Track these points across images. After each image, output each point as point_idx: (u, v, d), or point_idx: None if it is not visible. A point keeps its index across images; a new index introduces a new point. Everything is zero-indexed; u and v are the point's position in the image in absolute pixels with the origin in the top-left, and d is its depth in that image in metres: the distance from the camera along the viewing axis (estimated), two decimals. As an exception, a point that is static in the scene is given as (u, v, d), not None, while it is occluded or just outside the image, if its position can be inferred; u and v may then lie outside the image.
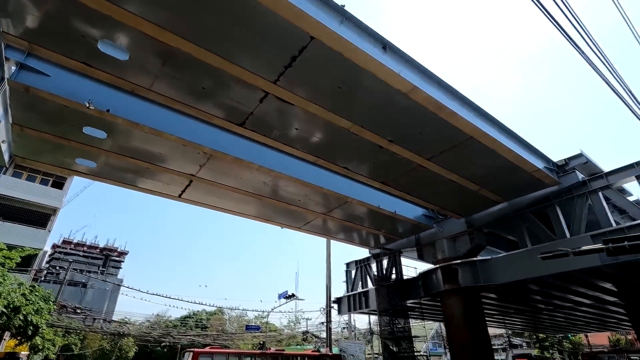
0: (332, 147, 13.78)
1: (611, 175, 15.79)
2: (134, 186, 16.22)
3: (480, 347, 17.81)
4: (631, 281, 18.37)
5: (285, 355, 23.75)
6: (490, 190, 16.83)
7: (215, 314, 66.28)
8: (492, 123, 13.39)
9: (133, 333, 49.42)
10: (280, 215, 19.61)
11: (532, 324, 40.09)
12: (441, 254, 20.54)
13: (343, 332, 52.87)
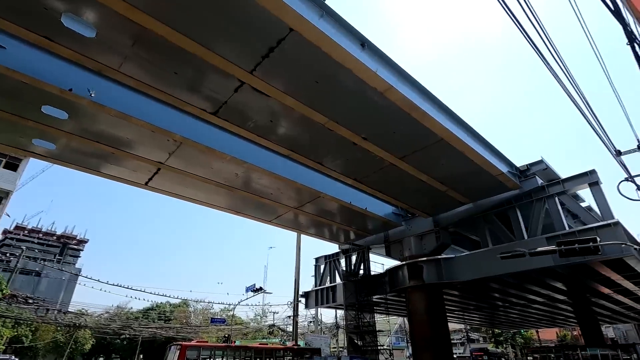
0: (307, 141, 13.74)
1: (567, 182, 16.81)
2: (97, 172, 15.42)
3: (440, 341, 18.55)
4: (579, 281, 19.75)
5: (269, 349, 24.09)
6: (457, 192, 17.46)
7: (179, 306, 64.72)
8: (463, 127, 13.86)
9: (90, 325, 47.34)
10: (251, 207, 19.38)
11: (489, 320, 42.26)
12: (408, 251, 21.13)
13: (310, 326, 53.32)
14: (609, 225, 14.23)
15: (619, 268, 16.51)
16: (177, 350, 19.83)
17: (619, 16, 4.72)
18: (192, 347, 20.54)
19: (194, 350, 20.34)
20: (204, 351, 20.84)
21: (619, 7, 4.26)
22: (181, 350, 19.67)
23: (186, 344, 20.85)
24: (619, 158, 11.13)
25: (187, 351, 19.72)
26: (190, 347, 20.36)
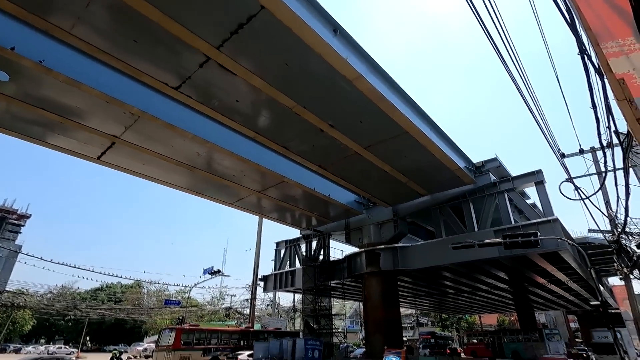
0: (273, 124, 13.52)
1: (516, 179, 18.00)
2: (43, 142, 14.17)
3: (392, 324, 19.48)
4: (519, 271, 21.44)
5: (254, 331, 26.05)
6: (417, 184, 18.10)
7: (132, 287, 62.39)
8: (427, 122, 14.30)
9: (31, 305, 44.41)
10: (212, 189, 18.88)
11: (437, 305, 44.94)
12: (367, 238, 21.75)
13: (267, 309, 53.70)
14: (549, 221, 15.48)
15: (554, 260, 18.11)
16: (171, 333, 21.31)
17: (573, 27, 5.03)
18: (187, 331, 22.11)
19: (188, 333, 21.90)
20: (197, 334, 22.42)
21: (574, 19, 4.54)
22: (176, 333, 21.05)
23: (181, 328, 22.34)
24: (563, 160, 12.05)
25: (182, 334, 21.22)
26: (184, 331, 21.90)
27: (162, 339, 22.01)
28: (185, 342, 21.56)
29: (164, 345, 21.38)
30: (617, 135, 7.29)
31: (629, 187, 7.33)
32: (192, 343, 21.81)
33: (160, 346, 21.80)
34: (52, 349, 42.31)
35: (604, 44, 2.37)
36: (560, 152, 11.63)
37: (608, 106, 5.89)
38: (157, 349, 22.22)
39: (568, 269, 19.74)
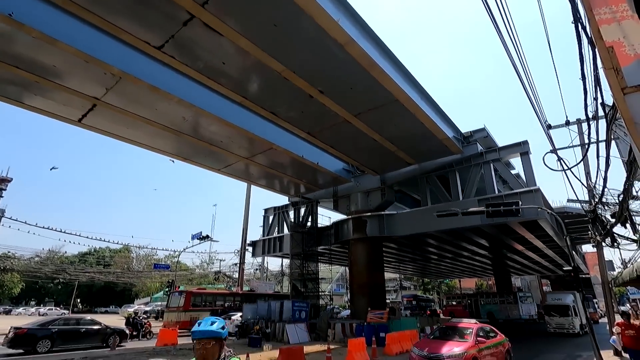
0: (262, 89, 13.17)
1: (503, 150, 18.26)
2: (18, 102, 13.52)
3: (376, 288, 20.33)
4: (499, 239, 22.32)
5: (255, 294, 28.55)
6: (405, 152, 18.21)
7: (120, 251, 62.84)
8: (418, 90, 14.14)
9: (18, 268, 44.49)
10: (200, 155, 18.61)
11: (420, 270, 46.84)
12: (354, 206, 22.11)
13: (256, 273, 55.12)
14: (531, 191, 15.93)
15: (533, 228, 18.87)
16: (181, 296, 23.83)
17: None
18: (196, 294, 24.77)
19: (197, 296, 24.47)
20: (204, 297, 24.96)
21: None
22: (186, 296, 23.53)
23: (190, 291, 24.87)
24: (548, 131, 12.21)
25: (191, 297, 23.69)
26: (194, 294, 24.52)
27: (172, 301, 24.29)
28: (194, 304, 23.72)
29: (174, 307, 23.52)
30: (602, 107, 7.38)
31: (609, 159, 7.53)
32: (200, 304, 24.14)
33: (171, 307, 24.00)
34: (43, 310, 43.04)
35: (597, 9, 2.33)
36: (547, 123, 11.75)
37: (597, 77, 5.91)
38: (168, 310, 24.35)
39: (545, 236, 20.63)
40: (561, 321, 20.57)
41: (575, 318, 20.35)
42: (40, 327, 14.15)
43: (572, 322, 20.31)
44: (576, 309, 20.39)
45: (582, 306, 13.84)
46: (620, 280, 16.86)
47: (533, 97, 8.29)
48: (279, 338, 17.81)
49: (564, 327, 20.45)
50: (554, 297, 22.88)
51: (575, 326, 20.24)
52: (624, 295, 56.25)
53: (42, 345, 13.66)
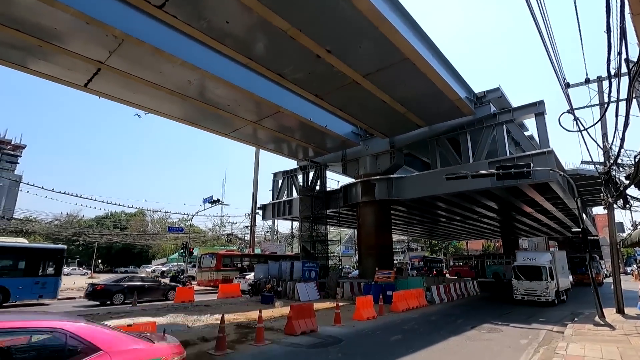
0: (267, 50, 12.74)
1: (517, 110, 17.68)
2: (24, 67, 13.40)
3: (384, 249, 20.78)
4: (509, 201, 22.25)
5: (276, 255, 30.74)
6: (415, 114, 17.78)
7: (135, 215, 64.81)
8: (429, 47, 13.50)
9: (39, 232, 46.45)
10: (207, 119, 18.49)
11: (428, 232, 47.46)
12: (363, 169, 22.07)
13: (266, 235, 56.63)
14: (544, 153, 15.61)
15: (543, 191, 18.70)
16: (212, 257, 26.81)
17: None
18: (225, 255, 27.74)
19: (227, 257, 27.49)
20: (232, 258, 28.15)
21: None
22: (217, 257, 26.61)
23: (221, 253, 27.93)
24: (567, 90, 11.71)
25: (222, 258, 26.71)
26: (224, 255, 27.47)
27: (204, 262, 27.46)
28: (224, 264, 26.63)
29: (207, 267, 26.66)
30: (627, 63, 6.98)
31: (629, 118, 7.23)
32: (229, 265, 27.09)
33: (203, 268, 27.20)
34: (67, 270, 45.41)
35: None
36: (566, 82, 11.23)
37: (623, 29, 5.52)
38: (200, 270, 27.66)
39: (556, 199, 20.47)
40: (532, 286, 16.45)
41: (550, 282, 16.23)
42: (114, 283, 16.83)
43: (545, 287, 16.17)
44: (553, 271, 16.44)
45: (589, 266, 13.57)
46: (629, 242, 16.88)
47: (553, 52, 7.86)
48: (289, 296, 18.60)
49: (534, 294, 16.31)
50: (525, 255, 18.33)
51: (549, 293, 16.02)
52: (631, 257, 56.68)
53: (116, 298, 16.34)
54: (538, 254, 18.64)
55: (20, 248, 16.23)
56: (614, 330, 9.91)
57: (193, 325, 10.75)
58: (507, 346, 8.71)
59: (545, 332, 10.48)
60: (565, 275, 19.06)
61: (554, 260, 17.15)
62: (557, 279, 16.66)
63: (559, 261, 18.10)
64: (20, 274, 15.51)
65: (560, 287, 16.94)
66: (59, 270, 16.57)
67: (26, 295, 15.54)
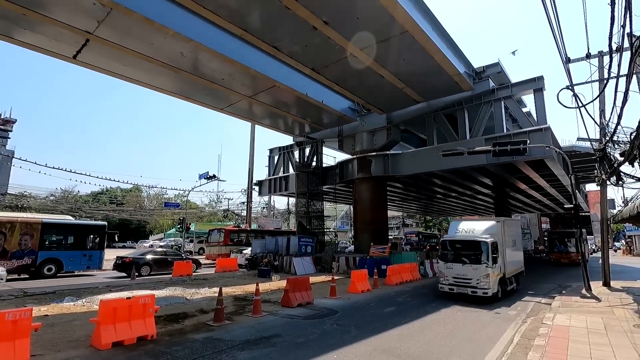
0: (262, 20, 12.30)
1: (515, 86, 17.47)
2: (8, 37, 12.88)
3: (379, 225, 21.05)
4: (504, 178, 22.39)
5: (281, 231, 33.17)
6: (413, 90, 17.52)
7: (131, 191, 64.72)
8: (430, 20, 13.13)
9: (34, 207, 46.37)
10: (201, 93, 18.11)
11: (423, 209, 48.01)
12: (359, 145, 21.98)
13: (263, 211, 57.04)
14: (540, 129, 15.56)
15: (538, 167, 18.79)
16: (220, 233, 28.66)
17: None
18: (233, 231, 29.78)
19: (234, 233, 29.54)
20: (238, 234, 29.82)
21: None
22: (225, 233, 28.46)
23: (228, 229, 29.85)
24: (567, 65, 11.54)
25: (230, 234, 28.67)
26: (231, 231, 29.54)
27: (212, 238, 29.33)
28: (231, 240, 28.40)
29: (215, 242, 28.48)
30: (629, 37, 6.85)
31: (628, 94, 7.17)
32: (236, 240, 28.85)
33: (211, 242, 29.09)
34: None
35: None
36: (567, 57, 11.04)
37: (629, 1, 5.38)
38: (209, 245, 29.54)
39: (550, 175, 20.61)
40: (465, 272, 11.00)
41: (492, 267, 10.75)
42: (140, 256, 18.18)
43: (484, 275, 10.70)
44: (498, 250, 11.22)
45: (578, 242, 13.81)
46: (619, 217, 17.21)
47: (556, 25, 7.68)
48: (286, 270, 18.97)
49: (467, 284, 10.91)
50: (462, 226, 12.44)
51: (489, 283, 10.65)
52: (620, 232, 58.03)
53: (143, 270, 17.60)
54: (479, 223, 12.47)
55: (69, 224, 18.26)
56: (599, 302, 10.28)
57: (191, 298, 10.98)
58: (496, 317, 9.03)
59: (533, 304, 10.86)
60: (517, 253, 13.77)
61: (502, 233, 11.95)
62: (505, 261, 11.69)
63: (510, 234, 12.96)
64: (70, 247, 17.41)
65: (507, 271, 11.88)
66: (102, 244, 18.59)
67: (76, 267, 17.57)
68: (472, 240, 11.37)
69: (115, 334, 6.03)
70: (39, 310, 8.45)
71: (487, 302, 10.61)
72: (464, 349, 6.33)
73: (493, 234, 11.58)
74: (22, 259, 15.71)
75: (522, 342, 6.60)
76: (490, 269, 10.75)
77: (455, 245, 11.71)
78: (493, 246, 11.01)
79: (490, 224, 12.14)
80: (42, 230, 16.53)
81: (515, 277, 13.23)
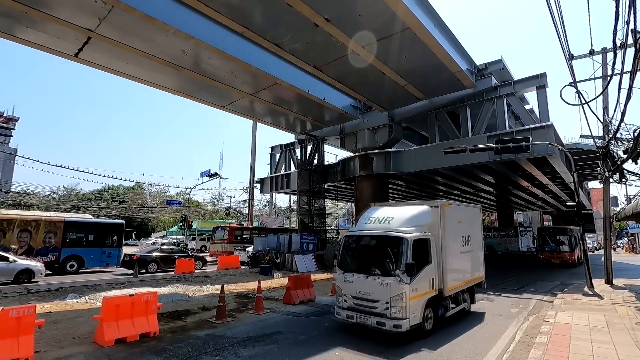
0: (263, 18, 12.26)
1: (518, 83, 17.37)
2: (11, 35, 12.90)
3: (380, 222, 20.96)
4: (506, 175, 22.33)
5: (284, 229, 33.27)
6: (415, 87, 17.45)
7: (133, 189, 64.91)
8: (432, 17, 13.06)
9: (37, 205, 46.57)
10: (202, 91, 18.09)
11: (425, 206, 47.91)
12: (361, 143, 21.95)
13: (264, 209, 57.13)
14: (543, 127, 15.48)
15: (541, 165, 18.73)
16: (224, 230, 29.05)
17: None
18: (236, 229, 30.22)
19: (237, 230, 29.92)
20: (242, 231, 30.20)
21: None
22: (229, 230, 28.87)
23: (232, 226, 30.48)
24: (570, 62, 11.47)
25: (233, 231, 29.14)
26: (235, 229, 29.98)
27: (217, 235, 29.88)
28: (235, 237, 28.85)
29: (219, 240, 29.10)
30: (633, 33, 6.79)
31: (632, 91, 7.12)
32: (239, 238, 29.27)
33: (216, 240, 29.71)
34: (68, 242, 45.93)
35: None
36: (570, 53, 10.97)
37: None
38: (213, 242, 30.19)
39: (553, 173, 20.54)
40: (368, 288, 6.82)
41: (408, 284, 6.48)
42: (147, 254, 18.60)
43: (396, 294, 6.43)
44: (429, 253, 7.28)
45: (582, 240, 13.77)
46: (622, 215, 17.16)
47: (559, 21, 7.63)
48: (287, 267, 19.01)
49: (371, 309, 6.70)
50: (375, 214, 8.01)
51: (403, 310, 6.38)
52: (623, 230, 57.85)
53: (151, 267, 18.02)
54: (403, 208, 8.12)
55: (90, 222, 18.85)
56: (601, 300, 10.27)
57: (194, 295, 11.03)
58: (498, 314, 9.03)
59: (535, 301, 10.84)
60: (471, 256, 9.23)
61: (440, 225, 7.79)
62: (444, 268, 7.58)
63: (457, 227, 8.55)
64: (90, 245, 17.92)
65: (449, 285, 7.68)
66: (120, 241, 19.01)
67: (96, 263, 18.14)
68: (383, 236, 7.15)
69: (118, 331, 6.08)
70: (42, 307, 8.51)
71: (402, 341, 6.48)
72: (465, 346, 6.33)
73: (421, 225, 7.35)
74: (47, 256, 16.44)
75: (524, 340, 6.60)
76: (405, 285, 6.39)
77: (359, 244, 7.60)
78: (417, 246, 6.82)
79: (419, 210, 7.81)
80: (65, 228, 17.14)
81: (470, 290, 9.12)
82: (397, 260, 6.63)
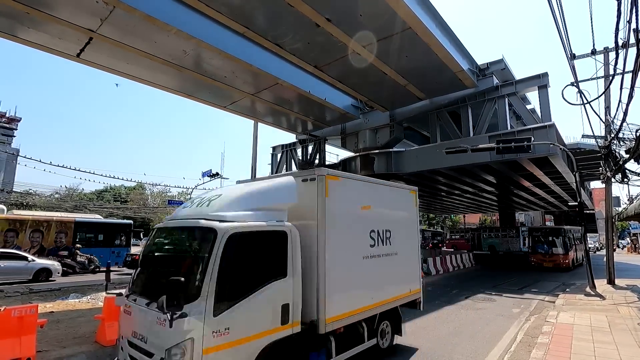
0: (264, 18, 12.27)
1: (520, 83, 17.35)
2: (13, 36, 12.94)
3: (381, 222, 20.95)
4: (507, 175, 22.28)
5: None
6: (416, 87, 17.44)
7: (135, 189, 65.01)
8: (433, 16, 13.05)
9: (40, 205, 46.73)
10: (203, 91, 18.11)
11: (426, 206, 47.83)
12: (362, 143, 21.96)
13: (266, 209, 57.05)
14: (545, 127, 15.45)
15: (542, 165, 18.68)
16: None
17: None
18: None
19: None
20: None
21: None
22: None
23: None
24: (572, 62, 11.44)
25: None
26: None
27: None
28: None
29: None
30: (635, 33, 6.77)
31: (634, 90, 7.10)
32: None
33: None
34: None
35: None
36: (571, 53, 10.95)
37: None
38: None
39: (554, 173, 20.48)
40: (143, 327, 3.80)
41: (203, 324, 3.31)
42: None
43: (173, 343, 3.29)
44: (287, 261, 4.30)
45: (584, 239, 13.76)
46: (624, 215, 17.12)
47: (561, 21, 7.61)
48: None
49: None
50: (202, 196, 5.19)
51: None
52: (625, 230, 57.68)
53: None
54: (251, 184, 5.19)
55: (99, 223, 19.10)
56: (603, 300, 10.24)
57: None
58: (499, 315, 9.01)
59: (537, 301, 10.83)
60: (397, 264, 6.25)
61: (318, 210, 4.72)
62: (319, 284, 4.51)
63: (356, 216, 5.42)
64: (100, 245, 18.20)
65: (328, 314, 4.46)
66: (128, 241, 19.33)
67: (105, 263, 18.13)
68: (185, 227, 4.43)
69: (120, 331, 6.09)
70: (44, 307, 8.54)
71: None
72: (466, 346, 6.32)
73: (271, 209, 4.55)
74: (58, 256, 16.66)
75: (525, 340, 6.59)
76: (195, 324, 3.35)
77: (162, 243, 4.73)
78: (247, 245, 4.00)
79: (273, 184, 4.97)
80: (75, 229, 17.43)
81: (392, 316, 6.20)
82: (195, 274, 3.63)
